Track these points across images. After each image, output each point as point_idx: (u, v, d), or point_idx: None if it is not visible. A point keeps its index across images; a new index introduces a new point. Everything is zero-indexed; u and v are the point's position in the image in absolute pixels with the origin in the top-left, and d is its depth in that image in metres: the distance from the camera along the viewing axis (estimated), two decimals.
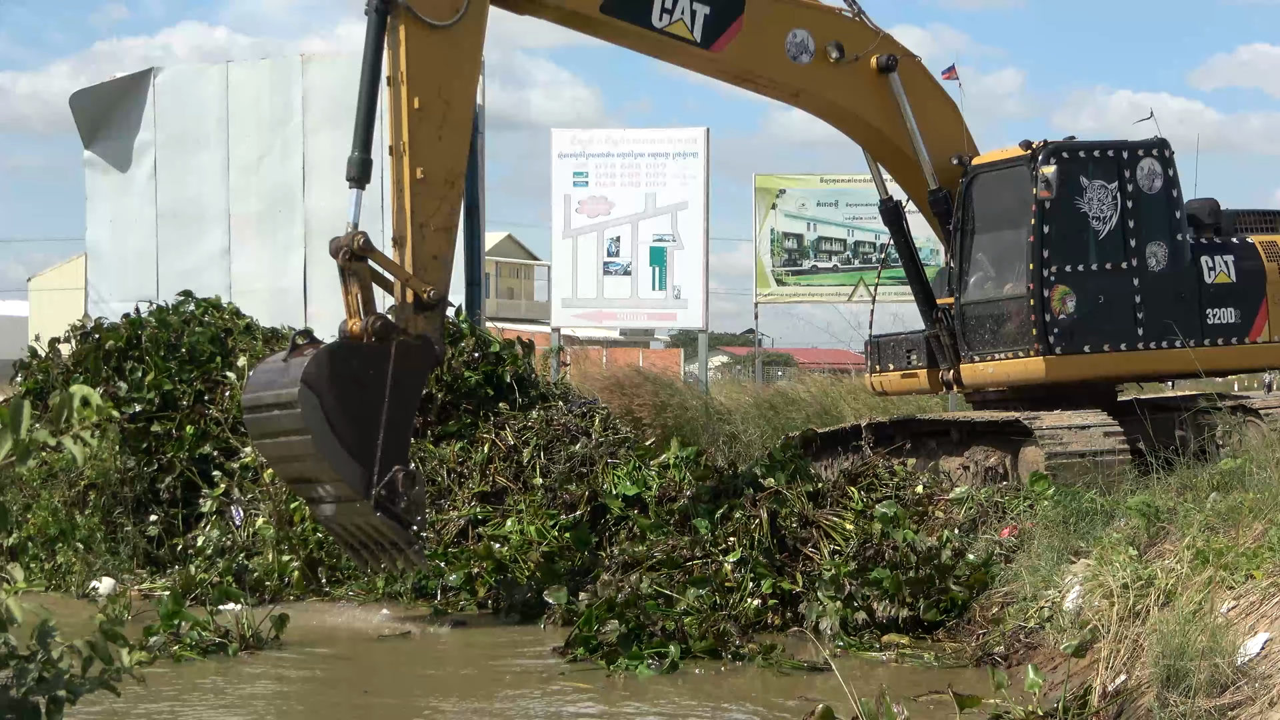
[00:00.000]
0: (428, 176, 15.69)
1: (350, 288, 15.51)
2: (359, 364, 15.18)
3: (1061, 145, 19.03)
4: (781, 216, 31.85)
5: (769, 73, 18.25)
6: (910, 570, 15.10)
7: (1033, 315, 18.69)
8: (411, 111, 15.60)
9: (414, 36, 15.51)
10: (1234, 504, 12.75)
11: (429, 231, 15.75)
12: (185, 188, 28.20)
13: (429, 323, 15.73)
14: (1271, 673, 9.48)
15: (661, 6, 16.82)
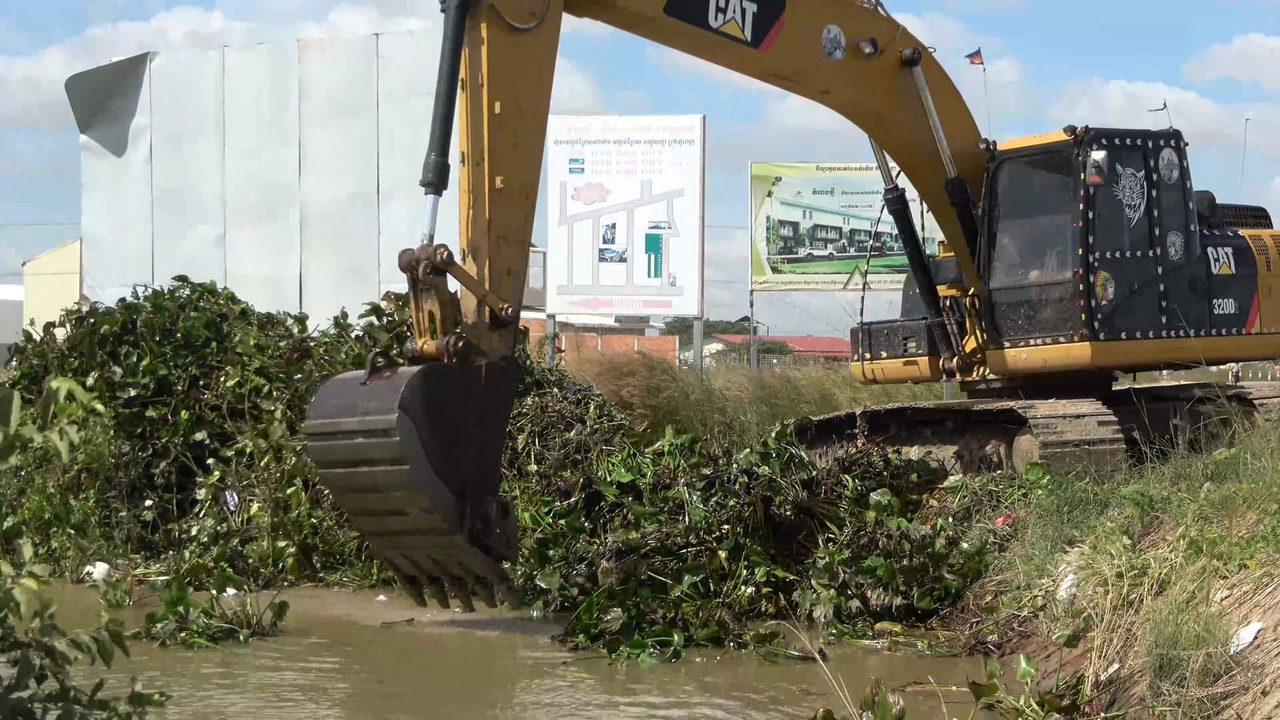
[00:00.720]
0: (506, 186, 14.96)
1: (423, 304, 14.54)
2: (452, 389, 14.35)
3: (1101, 131, 19.11)
4: (777, 204, 31.83)
5: (808, 70, 18.16)
6: (904, 558, 15.11)
7: (1080, 300, 18.71)
8: (491, 117, 14.88)
9: (495, 38, 14.86)
10: (1228, 493, 12.72)
11: (505, 244, 14.99)
12: (181, 174, 28.21)
13: (502, 340, 14.89)
14: (1265, 662, 9.42)
15: (716, 6, 16.67)
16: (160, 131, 28.42)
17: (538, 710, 12.07)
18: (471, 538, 14.33)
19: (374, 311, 20.84)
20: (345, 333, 21.28)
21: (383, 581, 18.01)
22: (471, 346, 14.40)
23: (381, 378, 14.23)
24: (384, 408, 13.92)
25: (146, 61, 28.58)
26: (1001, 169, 19.61)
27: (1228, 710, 9.12)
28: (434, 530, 14.36)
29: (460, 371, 14.34)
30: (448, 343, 14.32)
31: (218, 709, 11.66)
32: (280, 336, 21.59)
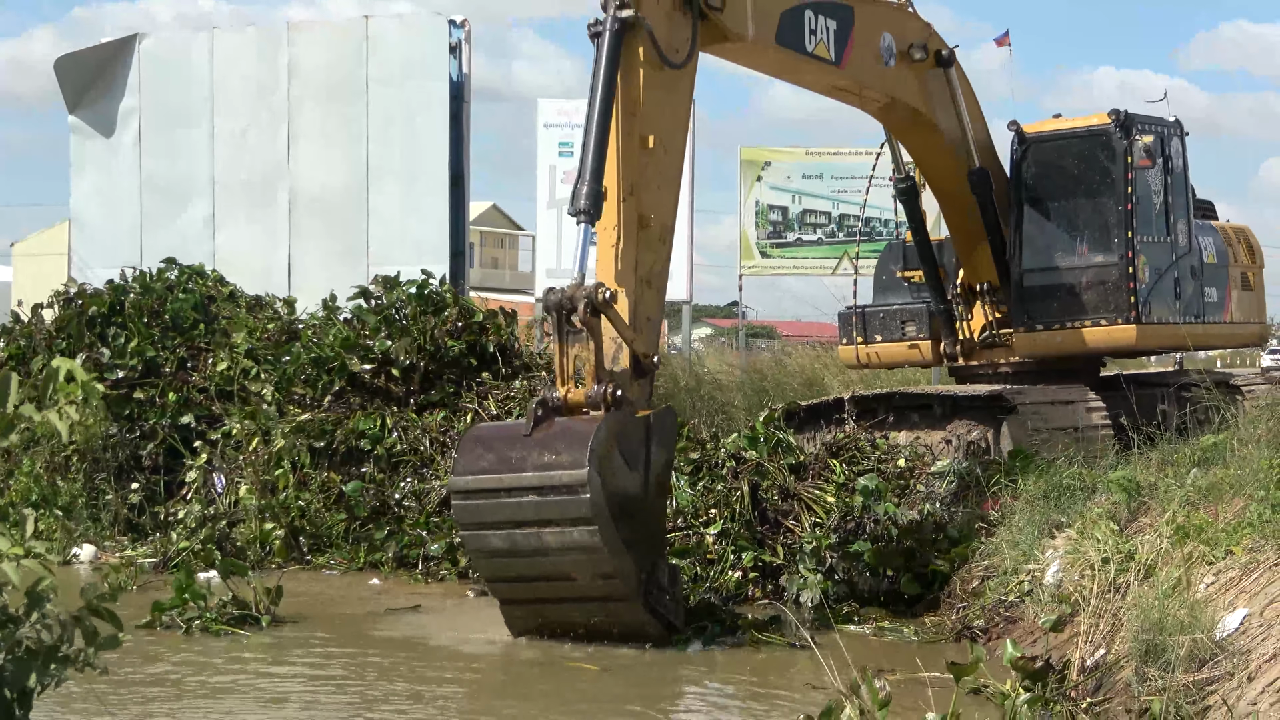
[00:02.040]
0: (651, 224, 14.22)
1: (570, 348, 13.38)
2: (637, 442, 13.42)
3: (1136, 117, 19.20)
4: (767, 189, 31.82)
5: (874, 80, 18.13)
6: (891, 543, 15.13)
7: (1129, 283, 18.78)
8: (642, 150, 14.20)
9: (648, 69, 14.28)
10: (1215, 480, 12.77)
11: (648, 289, 14.18)
12: (170, 155, 28.14)
13: (642, 390, 13.96)
14: (1250, 648, 9.48)
15: (809, 28, 16.61)
16: (149, 113, 28.35)
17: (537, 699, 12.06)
18: (648, 605, 13.30)
19: (362, 294, 20.86)
20: (333, 315, 21.26)
21: (370, 564, 18.07)
22: (624, 399, 13.39)
23: (550, 426, 13.16)
24: (570, 461, 12.82)
25: (135, 42, 28.51)
26: (1031, 153, 19.65)
27: (1213, 696, 9.15)
28: (605, 597, 13.18)
29: (643, 422, 13.53)
30: (603, 392, 13.26)
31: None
32: (269, 319, 21.60)
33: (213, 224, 27.90)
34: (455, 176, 27.00)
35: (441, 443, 19.17)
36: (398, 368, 19.90)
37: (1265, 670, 9.05)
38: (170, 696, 11.60)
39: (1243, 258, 21.33)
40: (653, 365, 14.13)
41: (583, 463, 12.68)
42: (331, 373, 20.04)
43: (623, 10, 14.00)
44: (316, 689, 11.91)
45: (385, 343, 20.06)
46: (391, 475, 19.03)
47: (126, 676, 12.07)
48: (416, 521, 18.34)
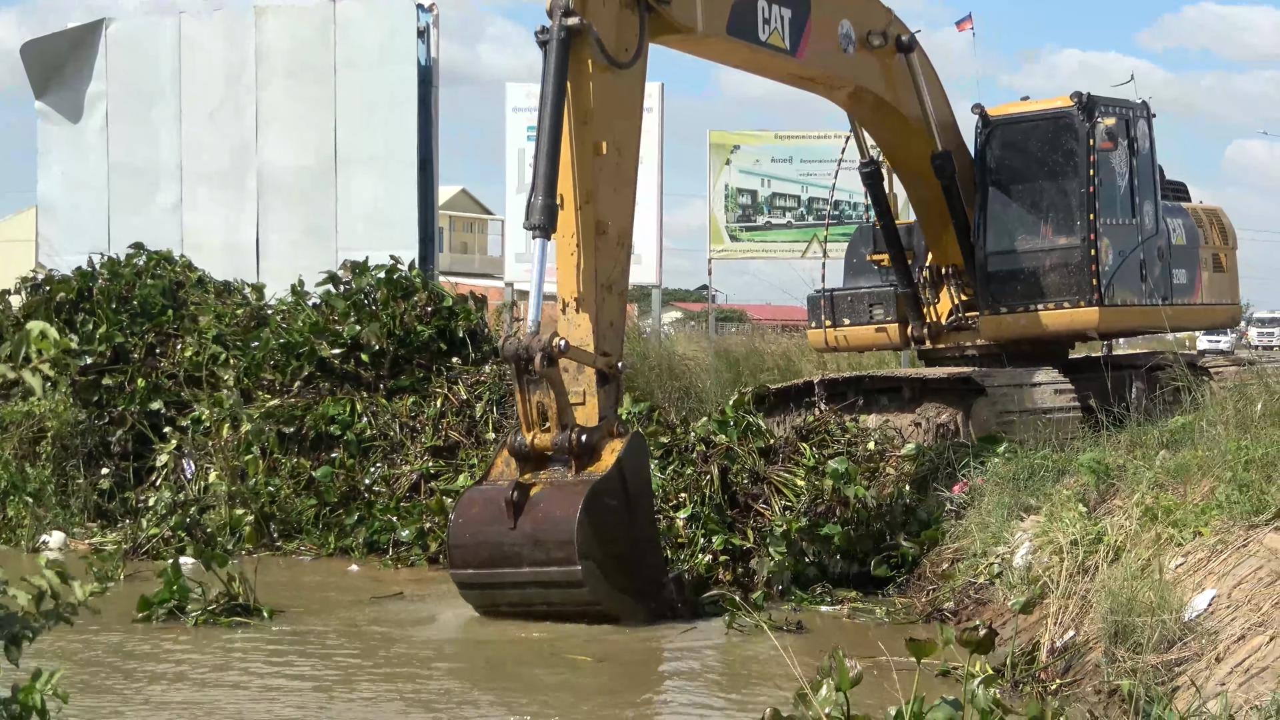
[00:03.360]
0: (608, 231, 14.35)
1: (532, 395, 13.83)
2: (614, 505, 13.73)
3: (1099, 99, 19.20)
4: (736, 172, 31.80)
5: (833, 68, 18.11)
6: (861, 526, 15.16)
7: (1092, 265, 18.79)
8: (595, 157, 14.27)
9: (597, 74, 14.28)
10: (1183, 462, 12.80)
11: (609, 295, 14.38)
12: (138, 140, 28.04)
13: (608, 397, 14.20)
14: (1218, 628, 9.54)
15: (763, 18, 16.55)
16: (116, 98, 28.25)
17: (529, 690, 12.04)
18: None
19: (331, 280, 20.83)
20: (302, 301, 21.23)
21: (340, 550, 18.06)
22: (591, 442, 13.76)
23: (536, 513, 13.46)
24: (561, 558, 13.22)
25: (102, 28, 28.40)
26: (995, 136, 19.65)
27: (1182, 677, 9.19)
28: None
29: (614, 481, 13.69)
30: (567, 439, 13.71)
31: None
32: (237, 304, 21.56)
33: (180, 208, 27.81)
34: (424, 160, 26.96)
35: (411, 428, 19.17)
36: (367, 353, 19.89)
37: (1233, 651, 9.09)
38: (181, 695, 11.40)
39: (1214, 239, 21.35)
40: (617, 372, 14.32)
41: (574, 560, 13.10)
42: (301, 358, 20.04)
43: (569, 18, 14.02)
44: (326, 685, 11.71)
45: (354, 328, 20.05)
46: (361, 461, 19.03)
47: (133, 670, 12.04)
48: (387, 507, 18.35)
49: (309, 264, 23.04)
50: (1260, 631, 9.07)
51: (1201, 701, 8.38)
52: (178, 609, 14.08)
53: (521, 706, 10.89)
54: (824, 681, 7.08)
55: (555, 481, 13.71)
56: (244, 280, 23.01)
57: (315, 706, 10.94)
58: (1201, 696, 8.49)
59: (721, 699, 11.49)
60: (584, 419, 13.91)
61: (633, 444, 14.06)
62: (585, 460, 13.77)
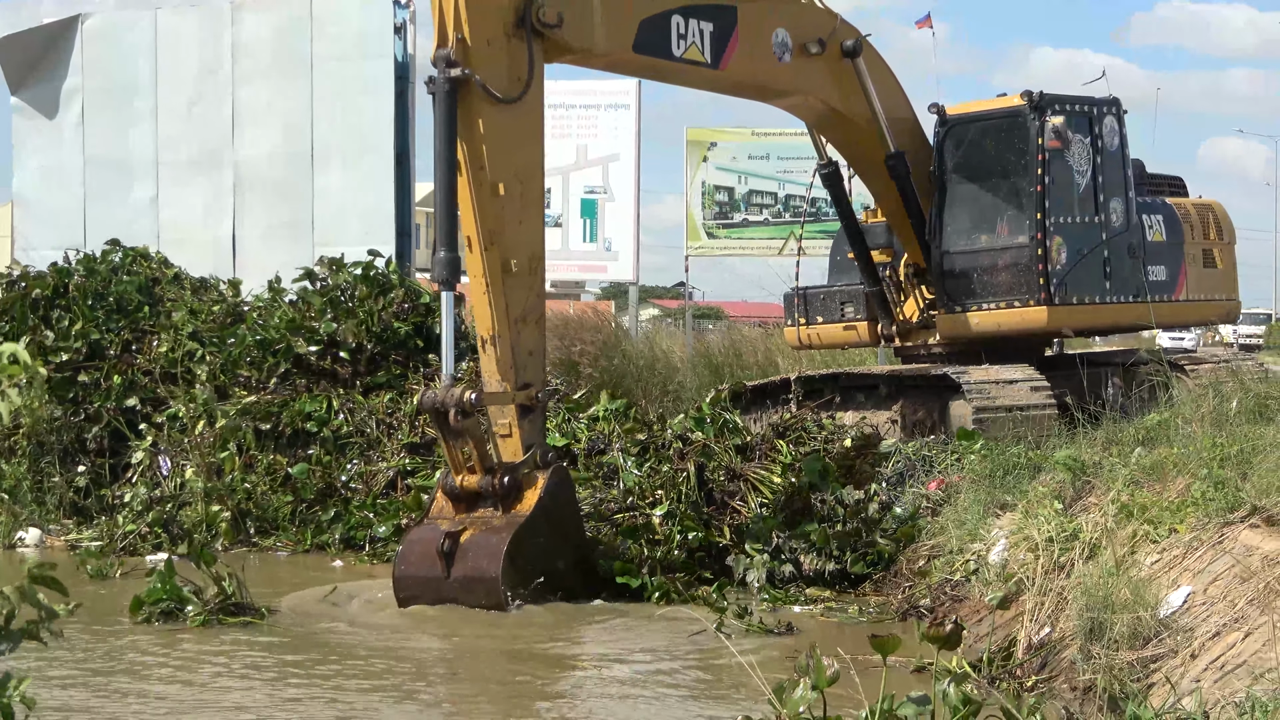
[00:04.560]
0: (517, 267, 14.66)
1: (455, 445, 14.42)
2: (534, 539, 14.44)
3: (1055, 97, 19.18)
4: (713, 169, 31.77)
5: (764, 79, 18.06)
6: (837, 524, 15.16)
7: (1039, 264, 18.79)
8: (494, 198, 14.54)
9: (489, 116, 14.43)
10: (1158, 458, 12.79)
11: (524, 326, 14.75)
12: (114, 135, 27.93)
13: (533, 426, 14.81)
14: (1193, 625, 9.53)
15: (678, 33, 16.50)
16: (92, 93, 28.14)
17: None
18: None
19: (307, 276, 20.82)
20: (279, 297, 21.20)
21: (316, 546, 18.04)
22: (516, 482, 14.45)
23: (461, 563, 14.20)
24: (493, 604, 14.02)
25: (78, 23, 28.30)
26: (953, 134, 19.66)
27: (1157, 673, 9.20)
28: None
29: (537, 521, 14.43)
30: (492, 483, 14.40)
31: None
32: (214, 301, 21.50)
33: (157, 203, 27.72)
34: (400, 156, 26.87)
35: (388, 424, 19.17)
36: (344, 349, 19.91)
37: (1208, 647, 9.08)
38: (209, 695, 11.24)
39: (1205, 234, 21.19)
40: (539, 402, 14.80)
41: (504, 605, 13.93)
42: (277, 355, 20.05)
43: (452, 69, 14.18)
44: (358, 686, 11.59)
45: (331, 325, 20.06)
46: (338, 457, 19.02)
47: (139, 671, 11.88)
48: (363, 503, 18.34)
49: (286, 258, 23.03)
50: (1235, 628, 9.05)
51: (1177, 698, 8.39)
52: (175, 608, 13.69)
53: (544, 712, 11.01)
54: (800, 681, 7.07)
55: (483, 526, 14.40)
56: (220, 276, 22.95)
57: (363, 707, 10.87)
58: (1177, 693, 8.50)
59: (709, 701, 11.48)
60: (511, 452, 14.61)
61: (554, 478, 14.69)
62: (511, 499, 14.48)
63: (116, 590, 15.33)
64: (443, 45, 14.28)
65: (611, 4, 15.91)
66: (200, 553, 14.02)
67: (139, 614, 13.64)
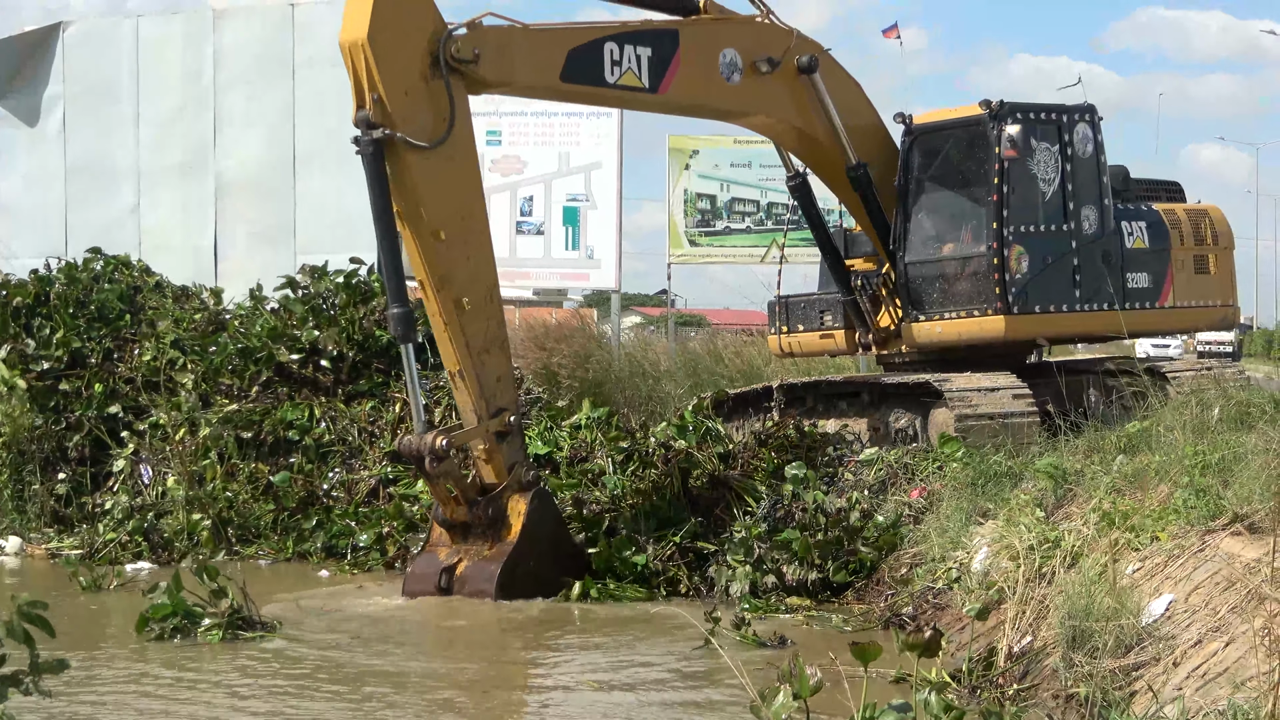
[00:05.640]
0: (470, 303, 15.08)
1: (438, 484, 15.13)
2: (522, 565, 15.19)
3: (1016, 106, 19.13)
4: (695, 177, 31.66)
5: (712, 100, 17.99)
6: (819, 532, 15.13)
7: (995, 274, 18.75)
8: (437, 243, 14.88)
9: (418, 165, 14.67)
10: (1140, 466, 12.83)
11: (488, 355, 15.23)
12: (96, 142, 27.85)
13: (512, 446, 15.43)
14: (1175, 633, 9.53)
15: (611, 60, 16.43)
16: (74, 100, 28.06)
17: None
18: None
19: (289, 284, 20.78)
20: (261, 305, 21.17)
21: (298, 555, 18.00)
22: (502, 510, 15.23)
23: (459, 592, 15.05)
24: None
25: (59, 30, 28.24)
26: (918, 143, 19.65)
27: (1139, 681, 9.19)
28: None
29: (524, 548, 15.18)
30: (481, 512, 15.18)
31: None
32: (195, 309, 21.46)
33: (139, 210, 27.65)
34: None
35: (370, 433, 19.14)
36: (326, 358, 19.90)
37: (1190, 655, 9.08)
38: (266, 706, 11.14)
39: (1197, 240, 21.00)
40: (511, 426, 15.35)
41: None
42: (259, 363, 20.02)
43: (372, 130, 14.41)
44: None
45: (313, 333, 20.03)
46: (320, 466, 18.99)
47: (188, 692, 11.59)
48: (345, 512, 18.30)
49: (268, 265, 23.02)
50: (1217, 636, 9.06)
51: (1159, 706, 8.39)
52: (189, 622, 13.43)
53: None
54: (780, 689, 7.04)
55: (476, 556, 15.23)
56: (202, 283, 22.91)
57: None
58: (1159, 701, 8.50)
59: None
60: (494, 475, 15.33)
61: (535, 501, 15.33)
62: (498, 527, 15.25)
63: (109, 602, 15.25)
64: (361, 107, 14.45)
65: (536, 36, 16.03)
66: (206, 567, 13.72)
67: (145, 631, 13.36)
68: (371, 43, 14.34)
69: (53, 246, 25.31)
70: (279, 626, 13.64)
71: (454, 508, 15.17)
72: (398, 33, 14.60)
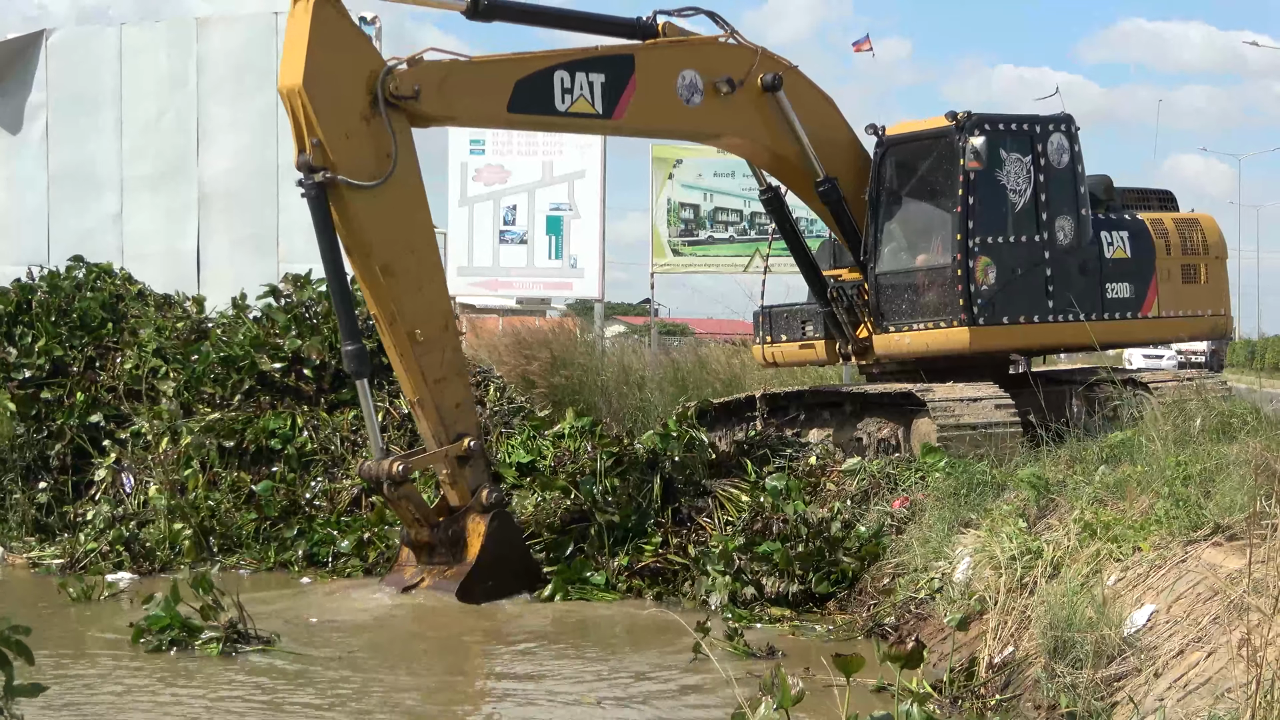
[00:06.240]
0: (424, 335, 15.31)
1: (401, 506, 15.61)
2: (481, 583, 15.50)
3: (984, 117, 19.09)
4: (678, 186, 31.63)
5: (671, 123, 18.03)
6: (800, 543, 15.10)
7: (959, 285, 18.72)
8: (388, 279, 15.09)
9: (360, 205, 14.83)
10: (1122, 477, 12.81)
11: (445, 384, 15.52)
12: (78, 150, 27.78)
13: (475, 469, 15.75)
14: (1157, 644, 9.53)
15: (562, 89, 16.43)
16: (57, 107, 27.98)
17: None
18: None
19: (272, 293, 20.73)
20: (243, 314, 21.13)
21: (280, 564, 17.93)
22: (461, 531, 15.61)
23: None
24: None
25: (42, 38, 28.17)
26: (888, 155, 19.65)
27: (1120, 692, 9.19)
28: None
29: (483, 565, 15.50)
30: (442, 534, 15.64)
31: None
32: (178, 318, 21.39)
33: (121, 218, 27.58)
34: None
35: (353, 442, 19.09)
36: (308, 367, 19.87)
37: (1172, 666, 9.09)
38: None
39: (1186, 249, 20.91)
40: (473, 451, 15.64)
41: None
42: (241, 372, 19.97)
43: (313, 174, 14.59)
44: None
45: (295, 341, 20.00)
46: (302, 475, 18.93)
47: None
48: (328, 520, 18.25)
49: (250, 273, 22.99)
50: (1198, 647, 9.07)
51: (1140, 717, 8.39)
52: (187, 634, 13.29)
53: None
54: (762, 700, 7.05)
55: (439, 575, 15.59)
56: (184, 291, 22.85)
57: None
58: (1140, 712, 8.50)
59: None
60: (459, 498, 15.71)
61: (494, 522, 15.62)
62: (459, 547, 15.64)
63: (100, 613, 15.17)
64: (302, 150, 14.62)
65: (481, 69, 16.08)
66: (201, 580, 13.56)
67: (141, 642, 13.25)
68: (308, 88, 14.53)
69: (35, 254, 25.25)
70: (278, 639, 13.49)
71: (418, 529, 15.58)
72: (334, 75, 14.74)
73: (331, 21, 14.83)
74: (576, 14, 17.85)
